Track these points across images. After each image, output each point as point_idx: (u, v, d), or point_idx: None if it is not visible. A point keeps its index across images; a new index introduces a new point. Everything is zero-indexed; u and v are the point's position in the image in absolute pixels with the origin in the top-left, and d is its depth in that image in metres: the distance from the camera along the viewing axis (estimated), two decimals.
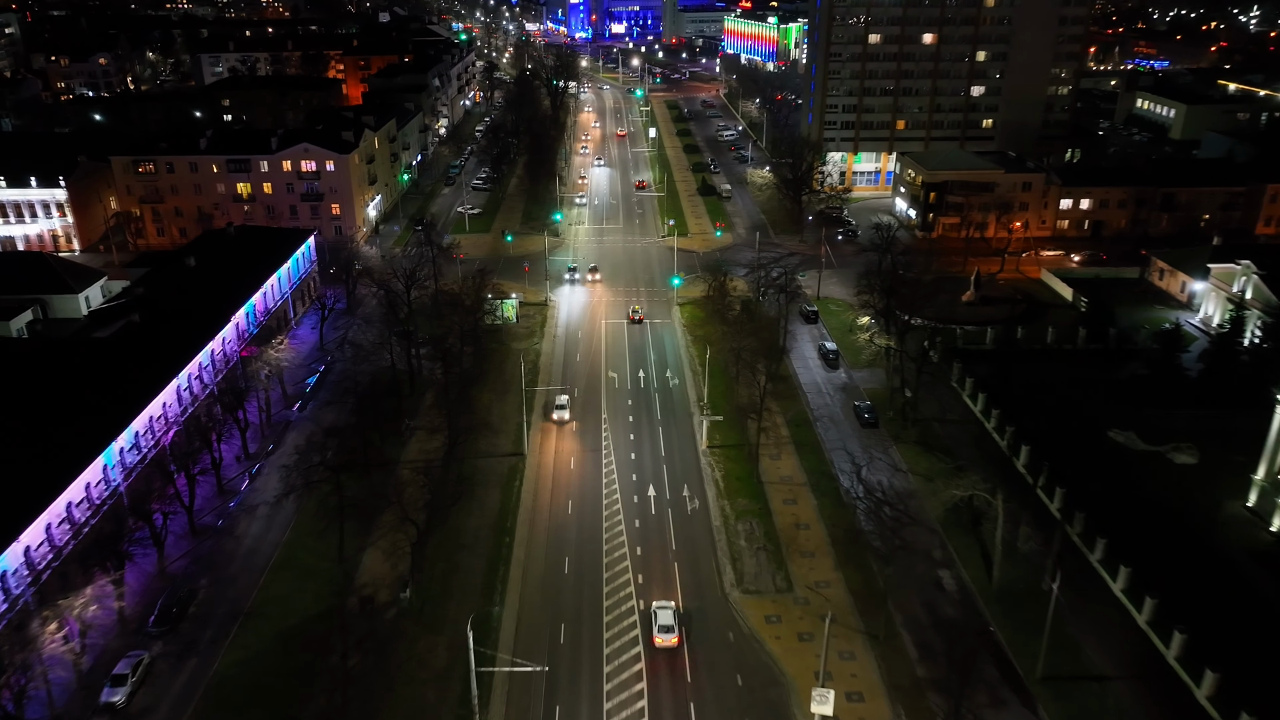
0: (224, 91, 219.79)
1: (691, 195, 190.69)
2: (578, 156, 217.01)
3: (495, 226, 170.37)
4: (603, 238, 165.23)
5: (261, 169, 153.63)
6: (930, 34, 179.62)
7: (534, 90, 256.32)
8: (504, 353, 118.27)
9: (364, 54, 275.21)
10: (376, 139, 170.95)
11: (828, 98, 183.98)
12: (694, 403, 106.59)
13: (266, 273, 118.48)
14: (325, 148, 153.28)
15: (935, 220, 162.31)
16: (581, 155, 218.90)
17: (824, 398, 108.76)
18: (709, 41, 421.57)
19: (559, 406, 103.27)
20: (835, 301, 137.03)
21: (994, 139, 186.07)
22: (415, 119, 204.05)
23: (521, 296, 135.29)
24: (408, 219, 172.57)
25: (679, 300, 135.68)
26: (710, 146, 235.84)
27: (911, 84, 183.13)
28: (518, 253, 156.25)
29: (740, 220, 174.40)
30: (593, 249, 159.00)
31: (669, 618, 70.36)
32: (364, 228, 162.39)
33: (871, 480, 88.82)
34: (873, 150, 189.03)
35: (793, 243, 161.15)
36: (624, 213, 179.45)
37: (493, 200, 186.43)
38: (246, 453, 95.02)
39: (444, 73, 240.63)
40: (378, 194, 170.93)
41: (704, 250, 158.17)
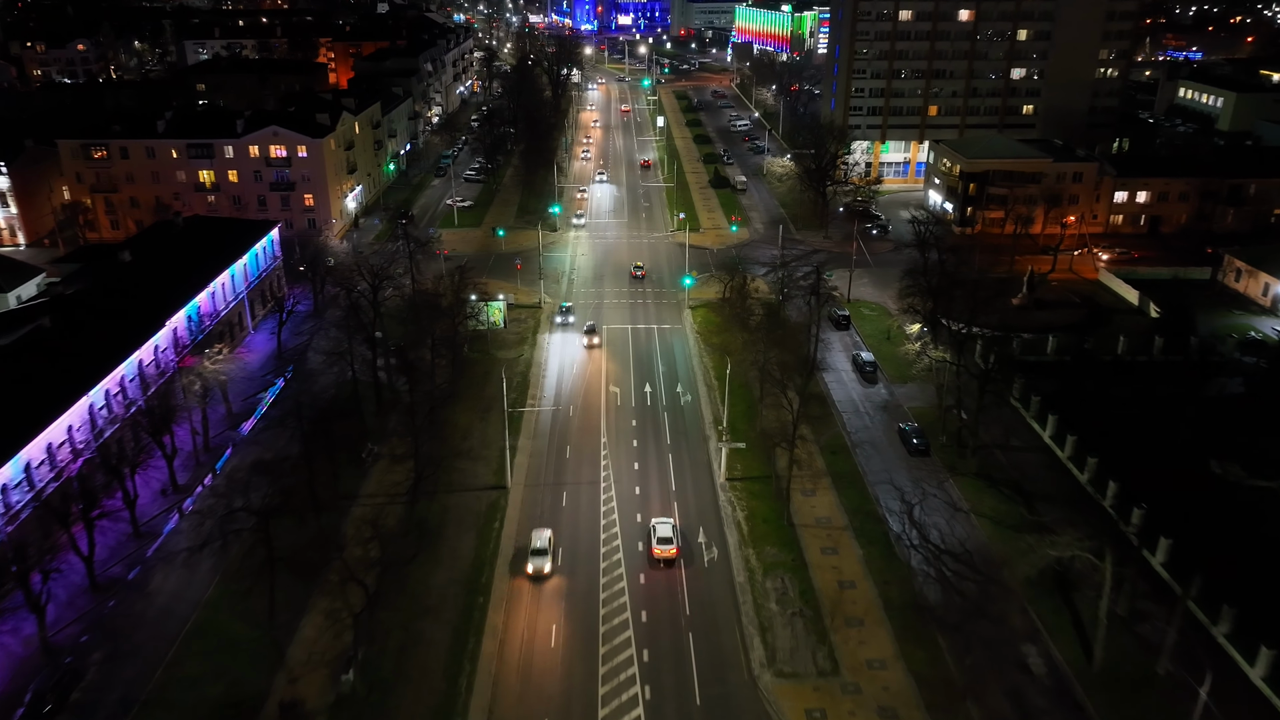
0: (199, 76, 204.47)
1: (703, 187, 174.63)
2: (578, 161, 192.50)
3: (487, 220, 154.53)
4: (606, 233, 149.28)
5: (226, 155, 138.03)
6: (967, 10, 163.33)
7: (534, 78, 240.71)
8: (488, 363, 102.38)
9: (355, 39, 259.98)
10: (357, 124, 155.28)
11: (853, 81, 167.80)
12: (710, 424, 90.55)
13: (216, 270, 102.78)
14: (297, 131, 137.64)
15: (975, 214, 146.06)
16: (582, 160, 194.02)
17: (863, 418, 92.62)
18: (719, 33, 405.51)
19: (537, 551, 69.40)
20: (868, 305, 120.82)
21: (1035, 126, 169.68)
22: (404, 105, 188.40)
23: (512, 297, 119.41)
24: (391, 212, 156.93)
25: (691, 302, 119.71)
26: (722, 137, 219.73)
27: (945, 66, 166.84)
28: (510, 248, 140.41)
29: (757, 215, 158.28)
30: (596, 247, 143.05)
31: (668, 530, 71.92)
32: (341, 221, 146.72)
33: (926, 523, 72.93)
34: (902, 139, 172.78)
35: (817, 239, 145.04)
36: (629, 206, 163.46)
37: (486, 192, 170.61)
38: (175, 485, 79.29)
39: (438, 58, 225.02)
40: (358, 184, 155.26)
41: (718, 247, 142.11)
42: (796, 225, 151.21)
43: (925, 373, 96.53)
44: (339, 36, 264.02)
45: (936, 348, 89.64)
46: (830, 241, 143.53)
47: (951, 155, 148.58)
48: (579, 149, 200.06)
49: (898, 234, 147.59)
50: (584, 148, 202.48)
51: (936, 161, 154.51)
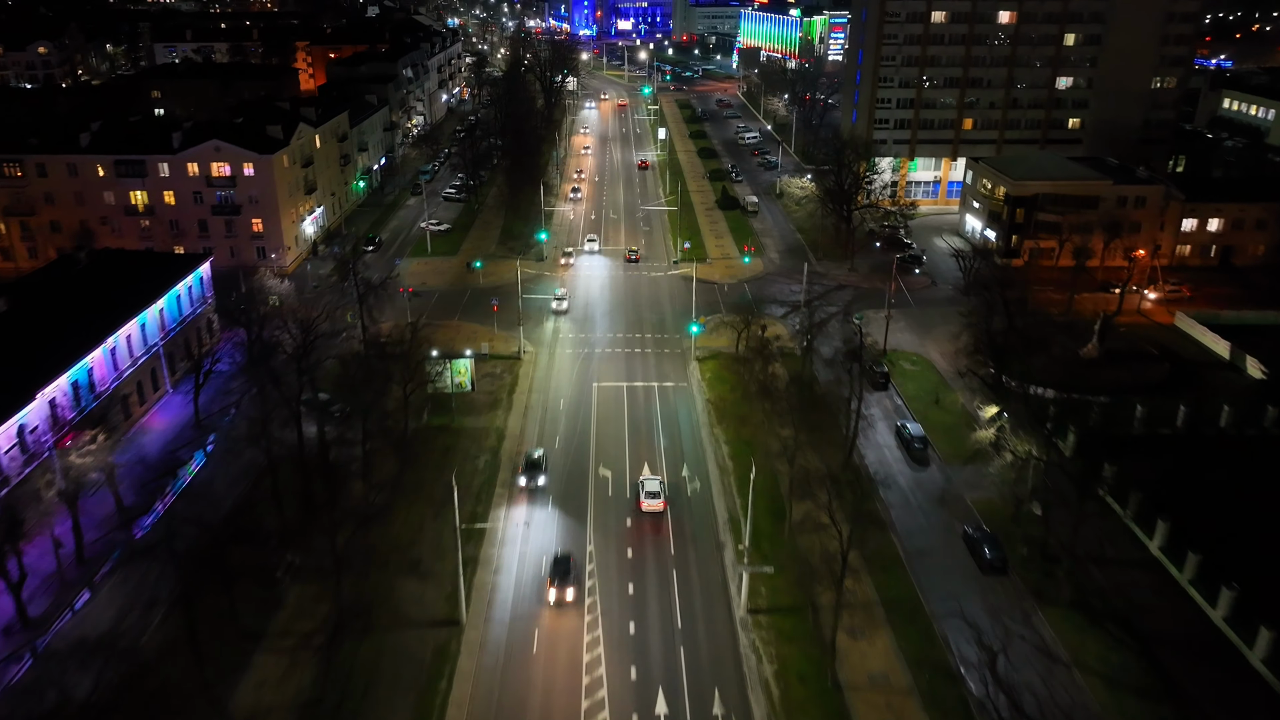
0: (155, 81, 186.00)
1: (709, 209, 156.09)
2: (566, 204, 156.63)
3: (466, 248, 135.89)
4: (600, 263, 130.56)
5: (160, 173, 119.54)
6: (1008, 11, 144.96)
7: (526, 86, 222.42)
8: (450, 438, 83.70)
9: (334, 42, 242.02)
10: (318, 137, 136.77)
11: (879, 91, 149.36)
12: (724, 525, 71.84)
13: (121, 319, 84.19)
14: (243, 147, 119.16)
15: (1020, 243, 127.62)
16: (571, 200, 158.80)
17: (916, 516, 73.86)
18: (722, 38, 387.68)
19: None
20: (908, 356, 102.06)
21: (1081, 142, 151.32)
22: (378, 114, 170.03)
23: (487, 346, 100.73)
24: (356, 237, 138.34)
25: (698, 352, 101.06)
26: (729, 150, 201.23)
27: (983, 74, 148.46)
28: (490, 282, 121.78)
29: (772, 241, 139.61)
30: (588, 282, 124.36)
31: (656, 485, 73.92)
32: (296, 248, 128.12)
33: (1017, 682, 54.27)
34: (932, 156, 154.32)
35: (840, 271, 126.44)
36: (627, 231, 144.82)
37: (466, 214, 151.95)
38: (23, 619, 60.56)
39: (420, 63, 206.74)
40: (318, 205, 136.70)
41: (728, 281, 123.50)
42: (817, 254, 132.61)
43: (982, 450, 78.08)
44: (317, 39, 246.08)
45: (1017, 435, 70.52)
46: (857, 275, 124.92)
47: (994, 176, 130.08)
48: (568, 186, 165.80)
49: (933, 265, 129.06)
50: (574, 184, 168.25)
51: (975, 182, 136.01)
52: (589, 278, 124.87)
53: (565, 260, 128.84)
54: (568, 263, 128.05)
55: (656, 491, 74.04)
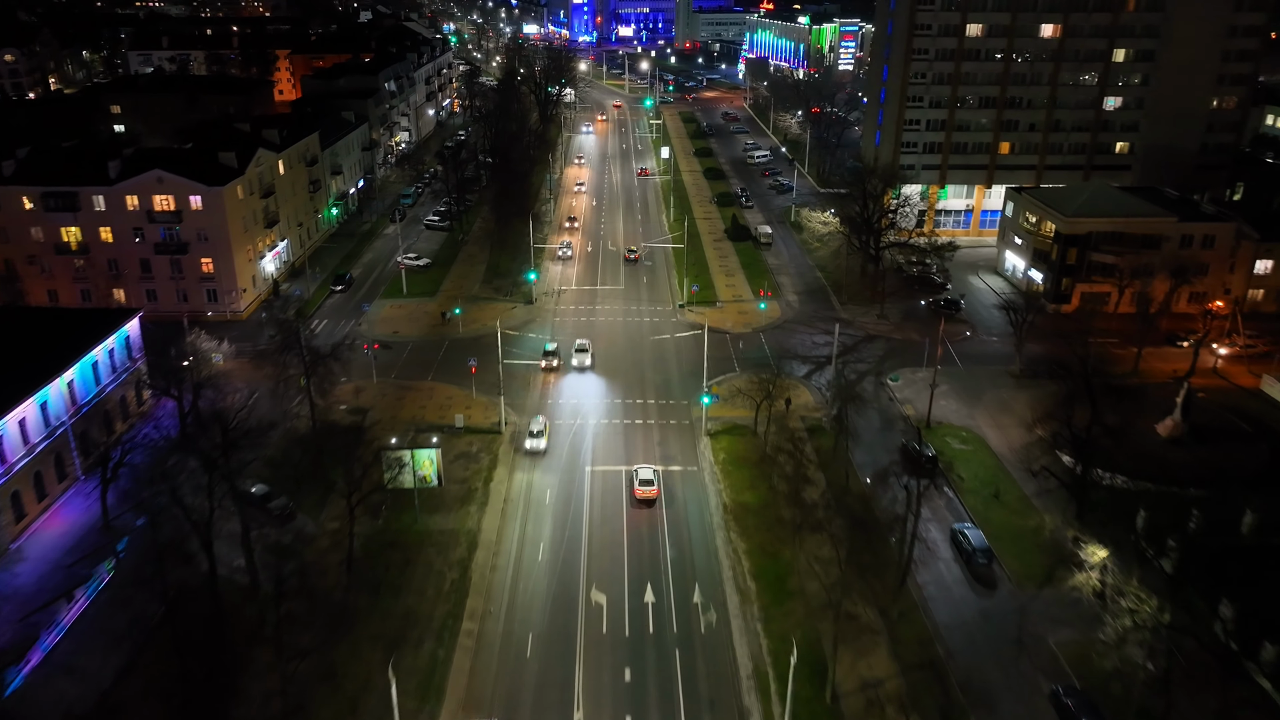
0: (114, 95, 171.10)
1: (718, 240, 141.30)
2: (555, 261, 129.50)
3: (446, 287, 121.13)
4: (595, 307, 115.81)
5: (96, 206, 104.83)
6: (1051, 24, 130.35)
7: (521, 99, 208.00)
8: (409, 548, 68.84)
9: (318, 51, 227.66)
10: (282, 162, 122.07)
11: (906, 111, 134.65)
12: (748, 680, 56.97)
13: (9, 399, 69.38)
14: (190, 176, 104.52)
15: (1072, 287, 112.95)
16: (560, 257, 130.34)
17: (987, 664, 58.89)
18: (727, 45, 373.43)
19: None
20: (956, 431, 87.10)
21: (1130, 168, 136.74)
22: (356, 133, 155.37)
23: (461, 420, 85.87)
24: (324, 275, 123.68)
25: (711, 424, 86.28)
26: (738, 171, 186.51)
27: (1022, 93, 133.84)
28: (470, 332, 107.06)
29: (789, 281, 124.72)
30: (581, 331, 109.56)
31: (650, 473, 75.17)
32: (254, 290, 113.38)
33: None
34: (964, 183, 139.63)
35: (869, 319, 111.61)
36: (626, 269, 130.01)
37: (448, 246, 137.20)
38: None
39: (405, 74, 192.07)
40: (281, 239, 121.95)
41: (742, 330, 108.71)
42: (840, 297, 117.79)
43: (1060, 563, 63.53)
44: (300, 47, 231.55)
45: (1146, 596, 55.18)
46: (888, 324, 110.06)
47: (1041, 210, 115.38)
48: (557, 238, 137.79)
49: (971, 309, 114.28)
50: (566, 234, 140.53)
51: (1017, 216, 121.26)
52: (585, 327, 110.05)
53: (549, 364, 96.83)
54: (552, 364, 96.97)
55: (650, 479, 76.04)
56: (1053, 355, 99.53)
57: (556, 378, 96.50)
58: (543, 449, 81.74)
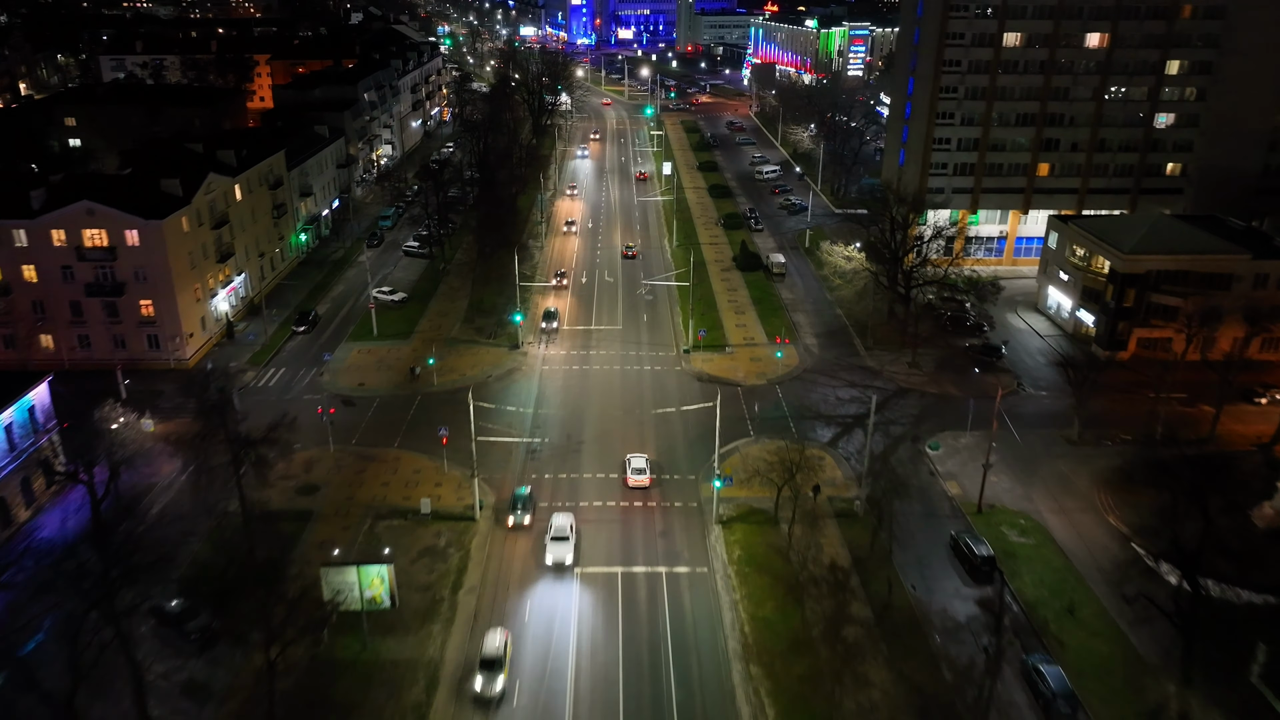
0: (69, 106, 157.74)
1: (726, 270, 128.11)
2: (533, 348, 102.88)
3: (422, 327, 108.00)
4: (589, 353, 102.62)
5: (17, 241, 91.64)
6: (1099, 32, 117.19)
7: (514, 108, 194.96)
8: (353, 688, 55.61)
9: (299, 56, 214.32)
10: (238, 186, 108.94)
11: (935, 129, 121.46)
12: None
13: None
14: (125, 207, 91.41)
15: (1128, 332, 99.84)
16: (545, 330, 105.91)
17: None
18: (730, 49, 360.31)
19: None
20: (1013, 518, 73.78)
21: (1182, 191, 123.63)
22: (329, 149, 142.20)
23: (427, 505, 72.68)
24: (286, 313, 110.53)
25: (723, 508, 73.14)
26: (745, 187, 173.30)
27: (1064, 109, 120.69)
28: (446, 384, 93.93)
29: (806, 320, 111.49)
30: (570, 385, 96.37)
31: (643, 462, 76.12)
32: (204, 333, 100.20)
33: None
34: (998, 207, 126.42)
35: (899, 367, 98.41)
36: (625, 307, 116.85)
37: (428, 277, 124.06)
38: None
39: (387, 82, 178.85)
40: (239, 272, 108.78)
41: (755, 382, 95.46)
42: (865, 340, 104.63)
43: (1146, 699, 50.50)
44: (280, 53, 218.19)
45: None
46: (922, 375, 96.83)
47: (1093, 243, 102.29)
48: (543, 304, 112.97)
49: (1014, 355, 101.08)
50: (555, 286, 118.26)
51: (1063, 248, 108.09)
52: (576, 381, 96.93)
53: (515, 520, 71.42)
54: (516, 521, 71.47)
55: (643, 468, 76.64)
56: (1115, 415, 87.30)
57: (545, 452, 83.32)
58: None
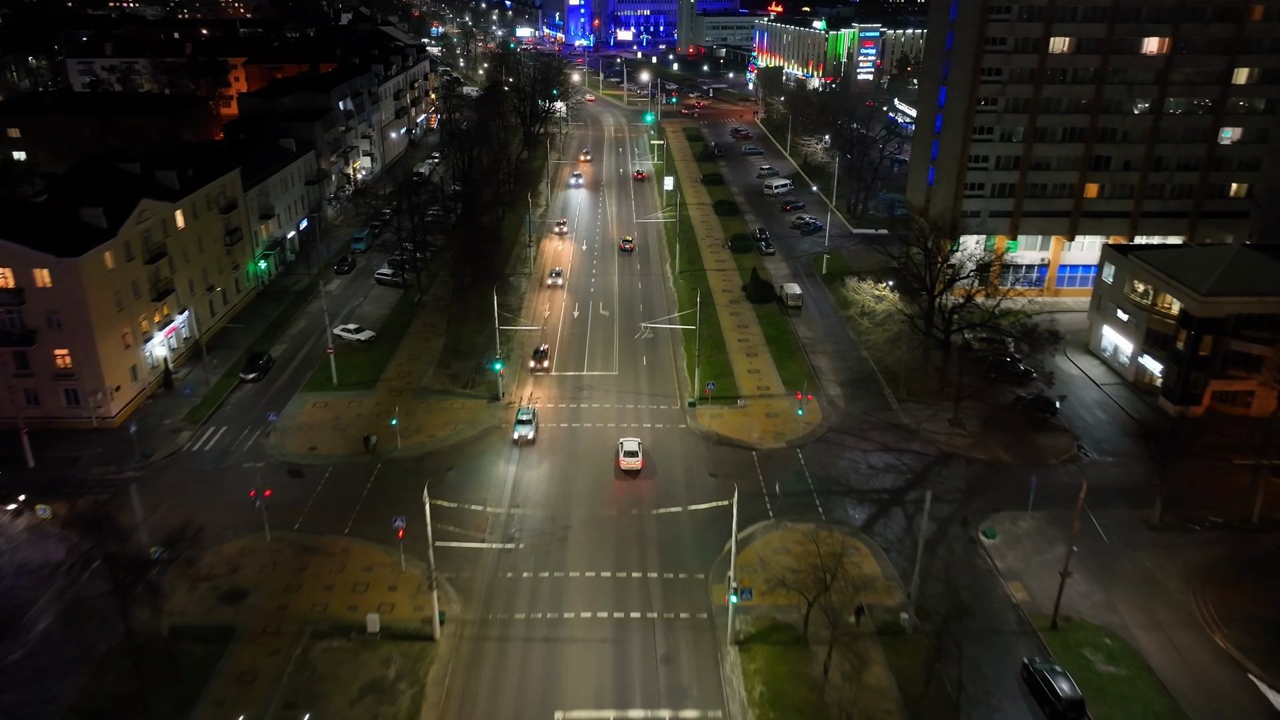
0: (10, 116, 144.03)
1: (735, 302, 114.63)
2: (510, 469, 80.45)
3: (390, 374, 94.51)
4: (579, 407, 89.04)
5: None
6: (1158, 37, 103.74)
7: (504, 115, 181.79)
8: None
9: (277, 60, 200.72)
10: (180, 212, 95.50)
11: (972, 146, 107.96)
12: None
13: None
14: (34, 244, 77.94)
15: (1202, 384, 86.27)
16: (522, 434, 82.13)
17: None
18: (734, 51, 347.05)
19: None
20: (1098, 638, 59.99)
21: (1248, 215, 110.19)
22: (295, 163, 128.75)
23: (375, 621, 59.01)
24: (236, 356, 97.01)
25: (740, 622, 59.59)
26: (753, 203, 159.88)
27: (1117, 124, 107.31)
28: (411, 447, 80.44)
29: (828, 364, 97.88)
30: (557, 450, 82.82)
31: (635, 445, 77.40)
32: (135, 383, 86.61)
33: None
34: (1040, 232, 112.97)
35: (938, 425, 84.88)
36: (621, 346, 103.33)
37: (401, 311, 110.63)
38: None
39: (365, 89, 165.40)
40: (180, 310, 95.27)
41: (773, 445, 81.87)
42: (897, 390, 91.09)
43: None
44: (257, 56, 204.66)
45: None
46: (965, 436, 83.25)
47: (1158, 278, 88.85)
48: (519, 398, 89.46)
49: (1070, 411, 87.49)
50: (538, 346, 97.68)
51: (1123, 283, 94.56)
52: (565, 438, 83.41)
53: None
54: None
55: (635, 451, 77.22)
56: (1197, 488, 73.78)
57: (524, 545, 69.78)
58: None
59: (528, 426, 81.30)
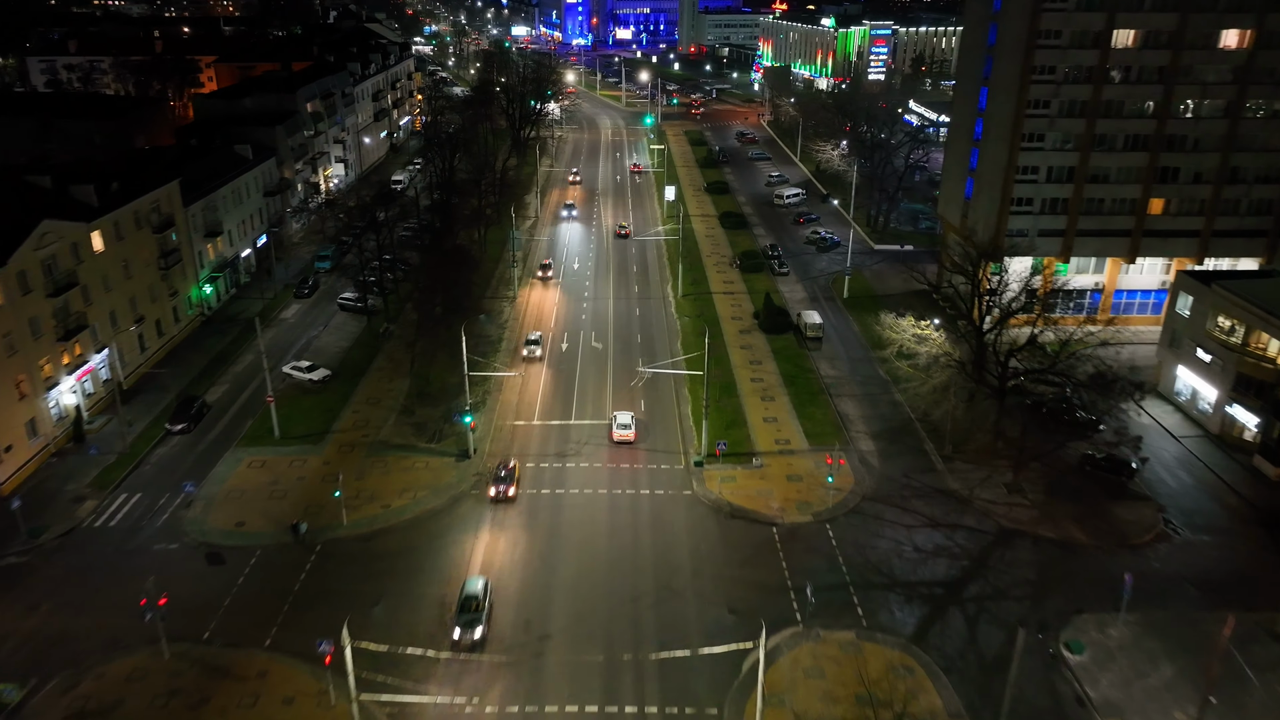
0: None
1: (746, 332, 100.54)
2: None
3: (344, 423, 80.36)
4: (564, 466, 74.93)
5: None
6: (1237, 29, 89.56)
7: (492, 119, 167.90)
8: None
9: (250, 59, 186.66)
10: (98, 233, 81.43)
11: (1019, 155, 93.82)
12: None
13: None
14: None
15: None
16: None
17: None
18: (737, 50, 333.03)
19: None
20: None
21: None
22: (252, 173, 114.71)
23: None
24: (168, 399, 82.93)
25: None
26: (763, 214, 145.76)
27: (1188, 129, 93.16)
28: (359, 523, 66.35)
29: (856, 408, 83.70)
30: (535, 514, 68.66)
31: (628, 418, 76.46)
32: (33, 440, 72.44)
33: None
34: (1096, 254, 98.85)
35: (993, 492, 70.77)
36: (615, 385, 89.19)
37: (364, 343, 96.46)
38: None
39: (339, 89, 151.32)
40: (98, 349, 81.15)
41: (797, 517, 67.71)
42: (940, 445, 77.02)
43: None
44: (227, 55, 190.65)
45: None
46: (1028, 506, 69.09)
47: (1254, 314, 74.84)
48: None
49: (1150, 475, 73.44)
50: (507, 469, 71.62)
51: (1204, 318, 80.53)
52: (548, 507, 69.27)
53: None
54: None
55: (629, 424, 76.28)
56: None
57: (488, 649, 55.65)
58: None
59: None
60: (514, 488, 69.56)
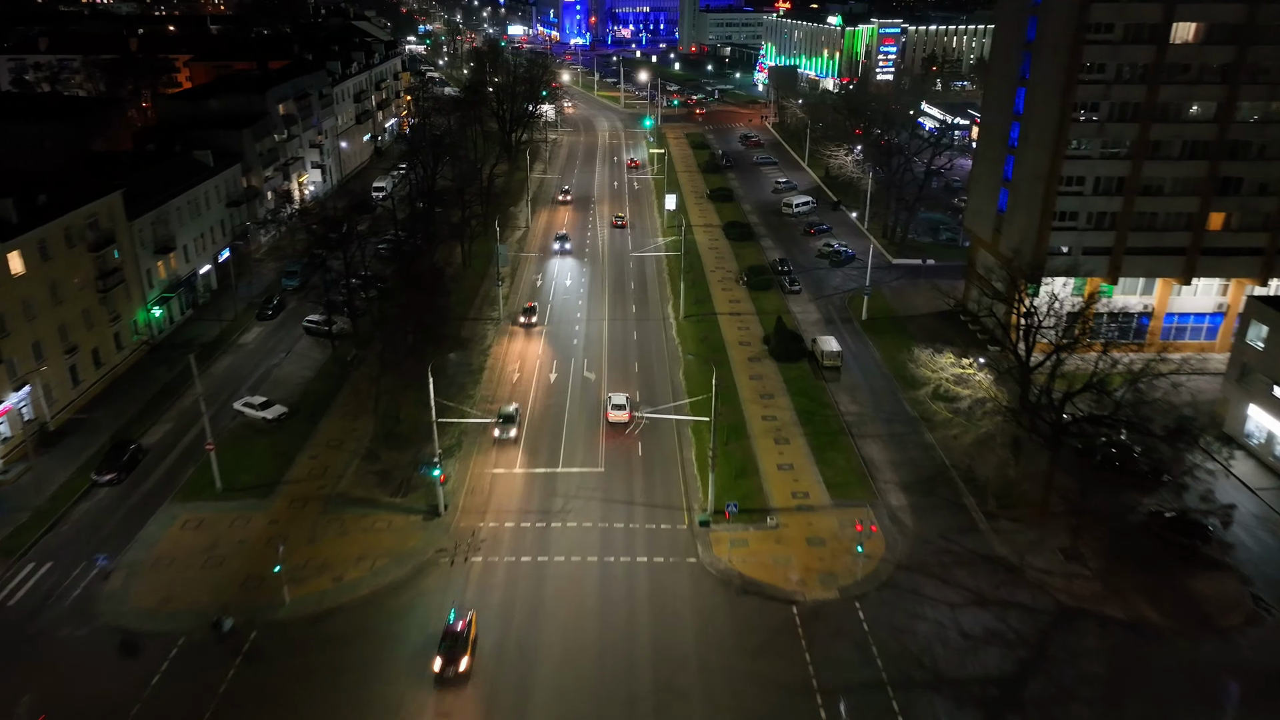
0: None
1: (755, 359, 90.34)
2: None
3: (297, 471, 70.16)
4: (548, 526, 64.72)
5: None
6: None
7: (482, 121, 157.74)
8: None
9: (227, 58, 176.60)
10: (17, 254, 71.27)
11: (1064, 165, 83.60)
12: None
13: None
14: None
15: None
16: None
17: None
18: (739, 50, 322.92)
19: None
20: None
21: None
22: (212, 181, 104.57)
23: None
24: (100, 443, 72.72)
25: None
26: (770, 224, 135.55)
27: (1255, 135, 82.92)
28: (304, 600, 56.19)
29: (883, 452, 73.38)
30: (512, 588, 58.44)
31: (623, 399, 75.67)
32: None
33: None
34: (1147, 274, 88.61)
35: (1049, 559, 60.57)
36: (606, 439, 78.89)
37: (328, 375, 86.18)
38: None
39: (315, 90, 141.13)
40: (17, 387, 70.98)
41: (819, 592, 57.51)
42: (982, 499, 66.86)
43: None
44: (203, 53, 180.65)
45: None
46: (1093, 580, 58.85)
47: None
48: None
49: (1233, 539, 63.26)
50: None
51: (1279, 350, 70.47)
52: (529, 578, 59.09)
53: None
54: None
55: (623, 405, 75.80)
56: None
57: None
58: None
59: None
60: (467, 657, 50.59)
